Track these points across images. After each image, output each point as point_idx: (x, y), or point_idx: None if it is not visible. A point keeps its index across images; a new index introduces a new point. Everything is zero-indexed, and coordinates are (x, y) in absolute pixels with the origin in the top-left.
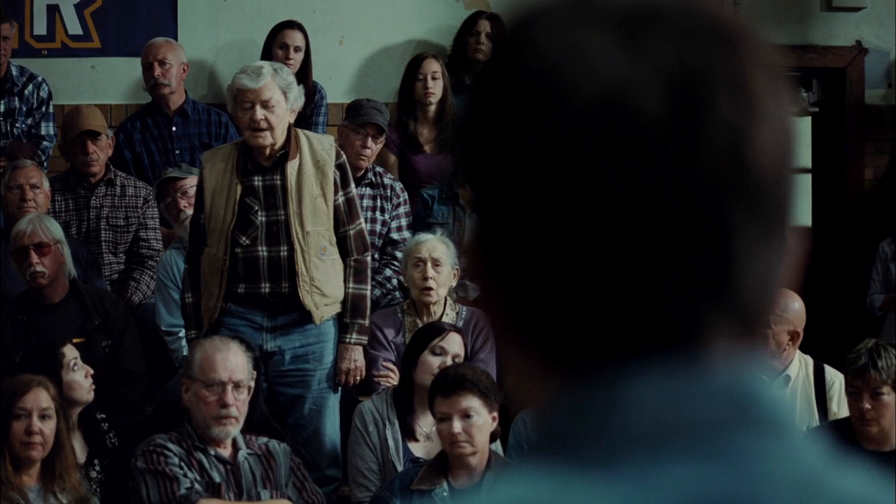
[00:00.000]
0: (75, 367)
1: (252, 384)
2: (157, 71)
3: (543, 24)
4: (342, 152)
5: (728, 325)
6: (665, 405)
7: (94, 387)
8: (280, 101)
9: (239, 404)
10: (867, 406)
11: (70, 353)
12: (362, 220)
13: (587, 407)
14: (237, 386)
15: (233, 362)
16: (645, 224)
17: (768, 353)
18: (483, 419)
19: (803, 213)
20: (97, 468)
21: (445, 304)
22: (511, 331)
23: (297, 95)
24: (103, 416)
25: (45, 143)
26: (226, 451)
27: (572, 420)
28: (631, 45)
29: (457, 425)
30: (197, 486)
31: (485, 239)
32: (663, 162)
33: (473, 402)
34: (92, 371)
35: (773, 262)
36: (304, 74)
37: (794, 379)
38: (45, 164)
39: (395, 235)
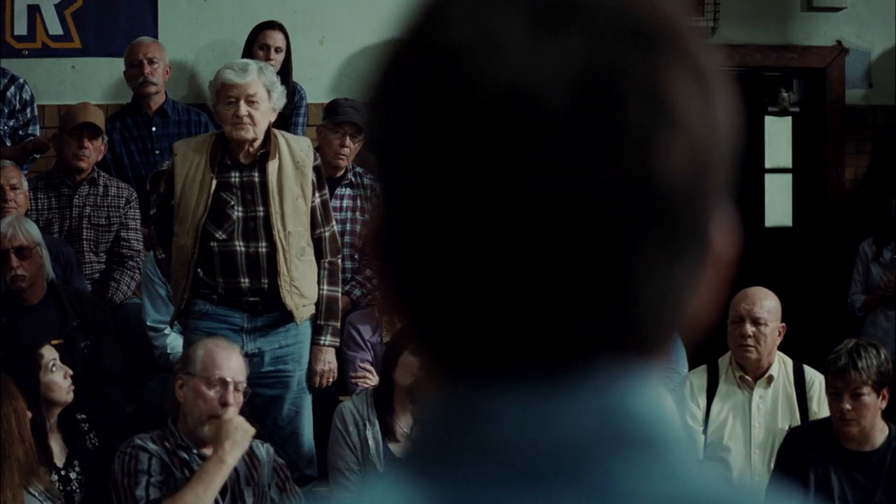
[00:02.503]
0: (54, 368)
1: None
2: (147, 69)
3: (457, 7)
4: (318, 155)
5: (618, 345)
6: (531, 424)
7: (73, 387)
8: (264, 98)
9: (237, 407)
10: (847, 407)
11: (48, 354)
12: (335, 222)
13: (459, 420)
14: (236, 388)
15: (235, 363)
16: (538, 229)
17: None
18: None
19: (783, 212)
20: (77, 469)
21: None
22: (405, 322)
23: (280, 95)
24: (83, 416)
25: None
26: (209, 451)
27: (445, 432)
28: (543, 37)
29: None
30: (152, 489)
31: (385, 224)
32: (562, 165)
33: None
34: (71, 372)
35: (681, 282)
36: (284, 75)
37: (776, 379)
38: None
39: None
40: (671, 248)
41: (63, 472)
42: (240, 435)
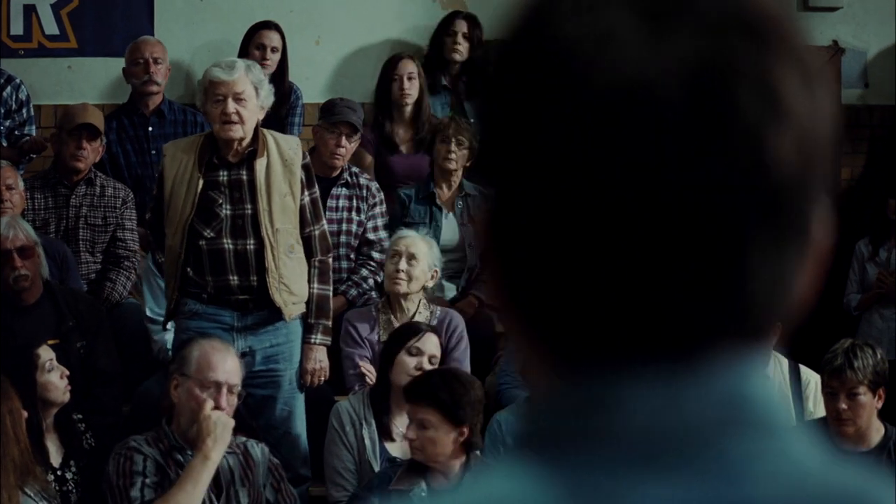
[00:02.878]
0: (50, 369)
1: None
2: (152, 68)
3: (569, 4)
4: (307, 153)
5: (733, 331)
6: (656, 410)
7: (69, 388)
8: (252, 95)
9: (229, 410)
10: (843, 406)
11: (45, 354)
12: (325, 221)
13: (578, 407)
14: (230, 390)
15: (230, 365)
16: (655, 219)
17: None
18: (441, 433)
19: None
20: (73, 469)
21: (419, 303)
22: (515, 316)
23: (268, 93)
24: (80, 416)
25: None
26: None
27: (562, 420)
28: (656, 32)
29: (411, 433)
30: (147, 490)
31: (496, 221)
32: (677, 158)
33: (430, 416)
34: (67, 372)
35: (789, 269)
36: (280, 75)
37: (771, 378)
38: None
39: (371, 236)
40: (781, 237)
41: (59, 472)
42: (220, 430)
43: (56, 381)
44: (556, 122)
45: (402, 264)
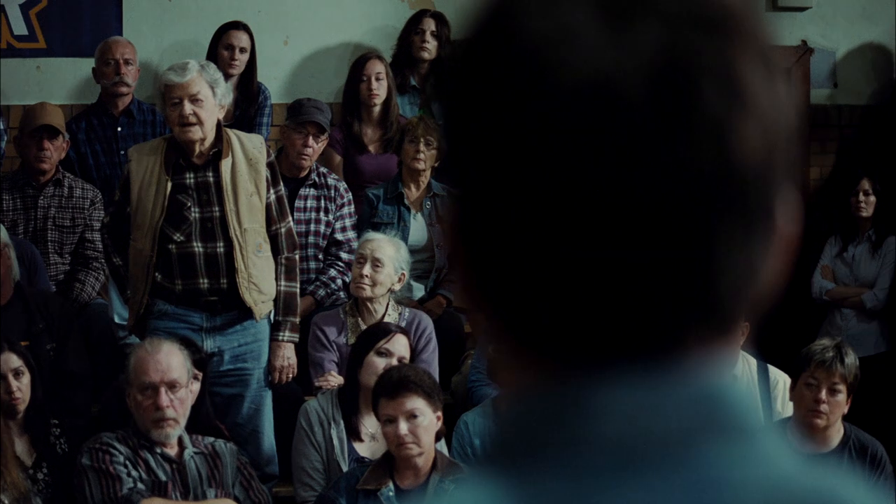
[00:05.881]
0: (17, 375)
1: (193, 383)
2: (123, 70)
3: (533, 1)
4: (271, 152)
5: (704, 326)
6: (636, 417)
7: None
8: (208, 95)
9: (176, 405)
10: (822, 397)
11: (11, 361)
12: (291, 218)
13: (553, 413)
14: (172, 386)
15: (165, 363)
16: (622, 214)
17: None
18: (428, 420)
19: None
20: (44, 470)
21: (388, 305)
22: (484, 317)
23: (226, 91)
24: (56, 421)
25: None
26: (172, 450)
27: (538, 426)
28: (619, 28)
29: (403, 427)
30: (140, 485)
31: (464, 221)
32: (644, 151)
33: (418, 403)
34: (30, 377)
35: (755, 259)
36: (249, 75)
37: (739, 379)
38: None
39: (339, 236)
40: (746, 226)
41: (31, 472)
42: None
43: (22, 386)
44: (519, 118)
45: (367, 269)
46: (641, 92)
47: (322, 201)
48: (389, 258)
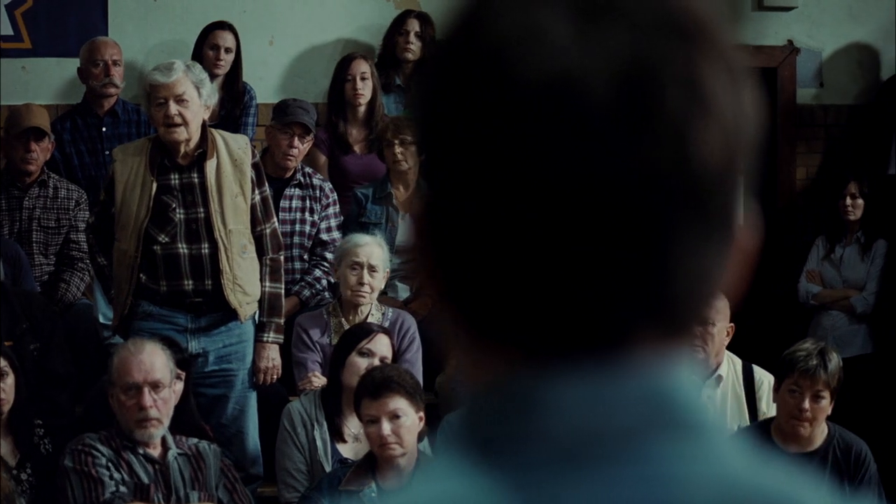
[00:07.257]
0: (1, 376)
1: (176, 383)
2: (112, 70)
3: (503, 1)
4: (256, 152)
5: (656, 326)
6: (584, 412)
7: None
8: (193, 96)
9: (159, 405)
10: (806, 405)
11: None
12: (276, 219)
13: (503, 410)
14: (155, 386)
15: (147, 363)
16: (580, 211)
17: (695, 354)
18: (411, 420)
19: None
20: (28, 470)
21: (371, 305)
22: (451, 308)
23: (211, 92)
24: (40, 422)
25: None
26: (155, 451)
27: (493, 422)
28: (586, 30)
29: (386, 427)
30: (122, 488)
31: (429, 215)
32: (605, 152)
33: (401, 403)
34: (14, 378)
35: (711, 263)
36: (234, 75)
37: (725, 379)
38: None
39: (324, 236)
40: (704, 229)
41: (15, 472)
42: None
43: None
44: (481, 112)
45: (366, 277)
46: (605, 92)
47: (307, 201)
48: (381, 262)
